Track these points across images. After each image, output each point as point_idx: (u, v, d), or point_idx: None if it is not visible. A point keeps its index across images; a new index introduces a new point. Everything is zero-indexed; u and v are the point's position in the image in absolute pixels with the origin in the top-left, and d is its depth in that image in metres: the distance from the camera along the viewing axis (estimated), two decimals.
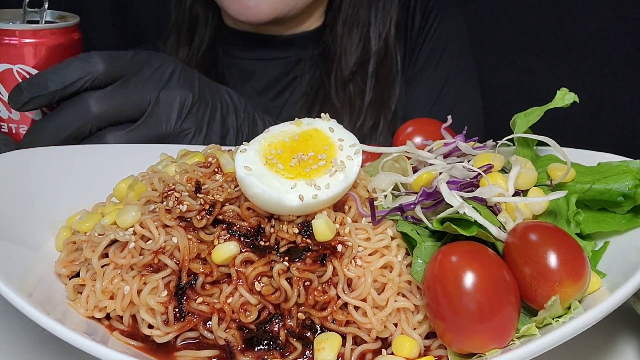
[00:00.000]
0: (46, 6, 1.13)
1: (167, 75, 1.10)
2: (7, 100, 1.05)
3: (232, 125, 1.18)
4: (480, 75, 1.70)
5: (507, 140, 0.90)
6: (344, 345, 0.75)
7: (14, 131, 1.13)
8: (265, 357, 0.75)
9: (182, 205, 0.80)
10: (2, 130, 1.12)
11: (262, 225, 0.80)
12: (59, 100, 1.04)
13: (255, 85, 1.31)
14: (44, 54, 1.08)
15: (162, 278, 0.78)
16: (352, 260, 0.78)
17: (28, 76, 1.07)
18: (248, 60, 1.55)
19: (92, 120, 1.04)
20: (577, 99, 0.91)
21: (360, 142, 0.84)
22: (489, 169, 0.84)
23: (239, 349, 0.75)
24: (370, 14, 1.50)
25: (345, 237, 0.78)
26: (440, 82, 1.56)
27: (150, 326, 0.77)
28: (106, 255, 0.81)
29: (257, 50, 1.56)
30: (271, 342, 0.76)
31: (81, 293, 0.80)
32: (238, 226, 0.79)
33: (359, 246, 0.78)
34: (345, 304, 0.76)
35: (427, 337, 0.77)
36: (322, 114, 0.87)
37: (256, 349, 0.76)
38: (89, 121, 1.04)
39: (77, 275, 0.83)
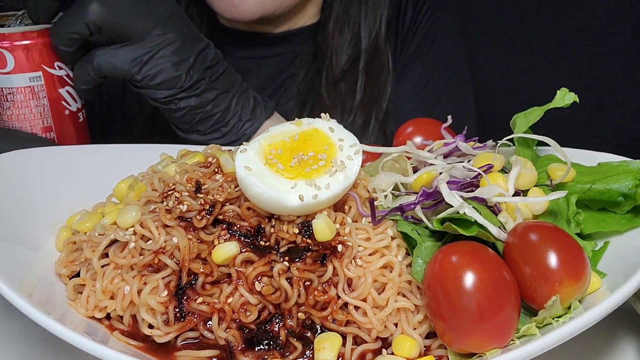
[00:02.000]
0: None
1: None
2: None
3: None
4: (480, 75, 1.70)
5: (507, 140, 0.90)
6: (344, 345, 0.75)
7: (80, 119, 1.16)
8: (266, 357, 0.75)
9: (182, 205, 0.80)
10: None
11: (262, 225, 0.80)
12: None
13: (251, 84, 1.32)
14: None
15: (162, 278, 0.78)
16: (352, 260, 0.78)
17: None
18: (243, 60, 1.55)
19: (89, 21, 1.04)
20: (577, 99, 0.91)
21: None
22: (489, 169, 0.84)
23: (239, 349, 0.75)
24: (360, 12, 1.50)
25: (346, 237, 0.78)
26: (428, 73, 1.56)
27: (151, 326, 0.77)
28: (106, 255, 0.81)
29: (251, 48, 1.57)
30: (271, 342, 0.76)
31: (81, 293, 0.80)
32: (238, 226, 0.79)
33: (359, 246, 0.79)
34: (346, 304, 0.76)
35: (427, 337, 0.77)
36: (322, 114, 0.87)
37: (256, 349, 0.76)
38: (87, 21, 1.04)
39: (77, 275, 0.83)
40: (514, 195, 0.81)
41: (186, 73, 1.13)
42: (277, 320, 0.77)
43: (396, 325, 0.77)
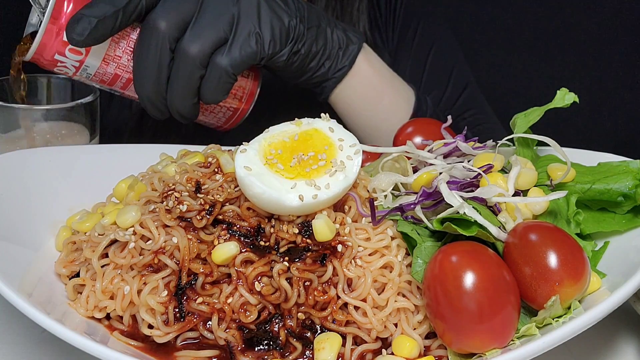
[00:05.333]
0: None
1: None
2: (66, 34, 0.95)
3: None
4: (480, 75, 1.69)
5: (507, 140, 0.90)
6: (344, 345, 0.75)
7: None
8: (265, 357, 0.75)
9: (182, 205, 0.80)
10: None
11: (262, 225, 0.80)
12: (120, 27, 0.97)
13: None
14: None
15: (162, 278, 0.78)
16: (352, 260, 0.78)
17: None
18: None
19: (165, 37, 0.97)
20: (577, 99, 0.91)
21: None
22: (489, 169, 0.84)
23: (239, 349, 0.75)
24: None
25: (345, 237, 0.78)
26: (424, 52, 1.52)
27: (150, 326, 0.77)
28: (106, 255, 0.81)
29: None
30: (271, 342, 0.76)
31: (81, 293, 0.80)
32: (238, 226, 0.79)
33: (359, 246, 0.79)
34: (345, 304, 0.76)
35: (427, 337, 0.77)
36: (322, 114, 0.87)
37: (256, 349, 0.76)
38: (165, 40, 0.98)
39: (77, 275, 0.83)
40: (514, 195, 0.81)
41: (289, 20, 1.05)
42: (277, 320, 0.77)
43: (396, 325, 0.77)
